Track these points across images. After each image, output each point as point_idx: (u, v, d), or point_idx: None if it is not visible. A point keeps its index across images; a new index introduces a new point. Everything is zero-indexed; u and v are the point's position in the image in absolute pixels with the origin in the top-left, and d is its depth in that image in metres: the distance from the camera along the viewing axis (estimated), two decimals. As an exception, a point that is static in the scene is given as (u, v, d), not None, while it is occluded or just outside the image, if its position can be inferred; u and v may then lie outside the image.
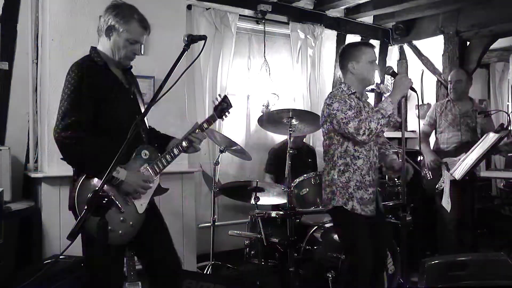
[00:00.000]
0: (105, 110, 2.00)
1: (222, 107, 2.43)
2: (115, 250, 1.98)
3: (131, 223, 2.00)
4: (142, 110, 2.19)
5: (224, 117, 2.46)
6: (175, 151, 2.18)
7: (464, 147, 3.80)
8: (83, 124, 1.94)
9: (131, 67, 2.23)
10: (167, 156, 2.15)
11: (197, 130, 2.26)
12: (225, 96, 2.47)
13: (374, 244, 2.61)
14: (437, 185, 3.80)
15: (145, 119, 2.20)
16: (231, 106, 2.48)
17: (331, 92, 2.66)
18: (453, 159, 3.80)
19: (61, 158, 2.00)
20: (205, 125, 2.30)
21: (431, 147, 4.07)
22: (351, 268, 2.63)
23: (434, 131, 4.14)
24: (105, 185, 1.86)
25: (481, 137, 3.78)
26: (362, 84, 2.65)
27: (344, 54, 2.67)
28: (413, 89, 2.51)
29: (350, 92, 2.60)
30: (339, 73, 5.33)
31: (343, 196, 2.55)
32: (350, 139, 2.53)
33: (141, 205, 2.06)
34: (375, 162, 2.66)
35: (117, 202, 1.95)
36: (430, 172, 3.96)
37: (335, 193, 2.58)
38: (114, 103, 2.03)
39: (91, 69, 2.04)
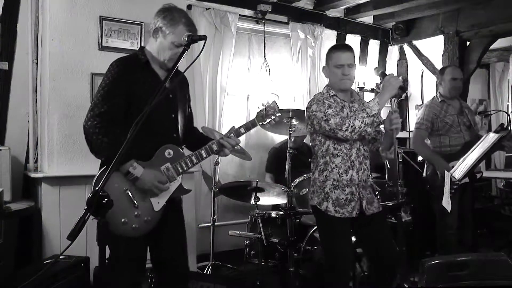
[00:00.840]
0: (139, 105, 2.00)
1: (267, 113, 2.28)
2: (129, 242, 2.01)
3: (145, 218, 2.04)
4: (179, 112, 2.22)
5: (264, 123, 2.29)
6: (203, 153, 2.17)
7: (467, 148, 3.60)
8: (111, 116, 2.00)
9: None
10: (192, 157, 2.15)
11: (232, 135, 2.22)
12: (274, 101, 2.31)
13: (372, 250, 2.59)
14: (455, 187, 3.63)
15: (179, 118, 2.22)
16: (279, 112, 2.29)
17: (314, 95, 2.72)
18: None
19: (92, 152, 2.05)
20: (242, 130, 2.24)
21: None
22: (327, 269, 2.60)
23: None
24: (123, 178, 1.97)
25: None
26: (335, 88, 2.63)
27: (326, 56, 2.70)
28: (401, 88, 2.50)
29: (330, 95, 2.62)
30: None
31: (319, 195, 2.56)
32: (332, 137, 2.53)
33: (158, 203, 2.08)
34: (360, 162, 2.58)
35: (132, 197, 1.99)
36: (440, 177, 3.81)
37: (314, 192, 2.60)
38: (149, 101, 2.04)
39: (131, 64, 2.09)
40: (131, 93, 2.04)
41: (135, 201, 2.01)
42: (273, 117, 2.28)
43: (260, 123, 2.29)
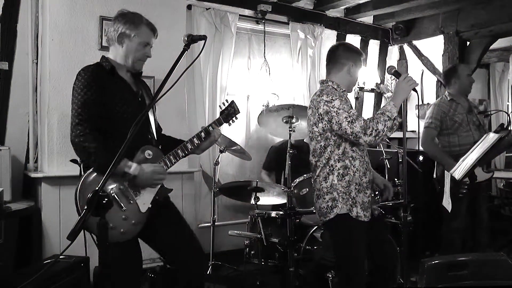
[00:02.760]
0: (111, 111, 2.06)
1: (229, 112, 2.44)
2: (123, 246, 2.01)
3: (133, 221, 2.03)
4: (151, 115, 2.25)
5: (231, 122, 2.48)
6: (180, 151, 2.21)
7: None
8: (92, 122, 2.01)
9: (141, 73, 2.30)
10: (170, 156, 2.19)
11: (202, 133, 2.31)
12: (232, 101, 2.47)
13: (374, 250, 2.54)
14: (461, 190, 3.44)
15: (152, 120, 2.26)
16: (239, 112, 2.49)
17: (322, 89, 2.48)
18: None
19: (71, 160, 2.05)
20: (210, 128, 2.33)
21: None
22: (346, 280, 2.46)
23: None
24: (109, 181, 1.93)
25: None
26: (348, 88, 2.60)
27: (346, 53, 2.55)
28: (414, 89, 2.48)
29: (341, 90, 2.51)
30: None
31: (346, 202, 2.38)
32: (347, 139, 2.39)
33: (143, 204, 2.08)
34: (369, 162, 2.54)
35: (119, 200, 1.98)
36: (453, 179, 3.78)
37: (337, 199, 2.39)
38: (120, 105, 2.09)
39: (98, 72, 2.11)
40: (103, 100, 2.06)
41: (122, 204, 2.00)
42: (234, 119, 2.47)
43: (225, 122, 2.44)
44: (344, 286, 2.47)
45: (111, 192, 1.98)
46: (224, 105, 2.47)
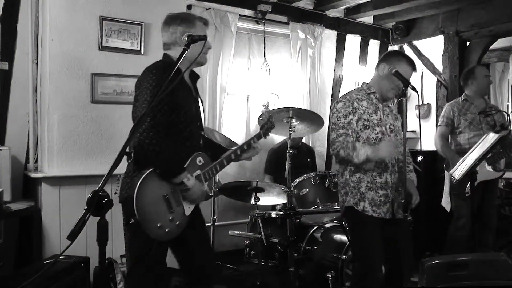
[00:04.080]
0: (179, 116, 2.10)
1: (268, 127, 2.55)
2: (158, 245, 2.05)
3: (177, 222, 2.09)
4: (203, 118, 2.32)
5: (267, 135, 2.57)
6: (225, 161, 2.30)
7: None
8: (163, 126, 2.03)
9: (199, 77, 2.36)
10: (217, 165, 2.26)
11: (245, 146, 2.39)
12: (271, 116, 2.59)
13: (390, 254, 2.51)
14: (468, 188, 3.47)
15: (203, 125, 2.32)
16: (274, 126, 2.60)
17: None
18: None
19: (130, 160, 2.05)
20: (252, 142, 2.42)
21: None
22: (359, 276, 2.53)
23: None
24: (165, 184, 2.03)
25: None
26: (379, 92, 2.59)
27: (389, 57, 2.63)
28: (413, 89, 2.48)
29: (369, 92, 2.58)
30: (339, 73, 5.38)
31: (354, 196, 2.49)
32: (359, 139, 2.47)
33: (188, 207, 2.14)
34: (393, 164, 2.52)
35: (171, 202, 2.05)
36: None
37: (348, 193, 2.52)
38: (184, 109, 2.13)
39: (167, 73, 2.08)
40: (172, 103, 2.06)
41: (172, 206, 2.06)
42: (270, 132, 2.59)
43: (263, 136, 2.54)
44: (355, 282, 2.56)
45: (165, 194, 2.03)
46: (263, 120, 2.57)
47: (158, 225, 2.00)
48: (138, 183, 1.96)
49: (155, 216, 1.99)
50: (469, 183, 3.39)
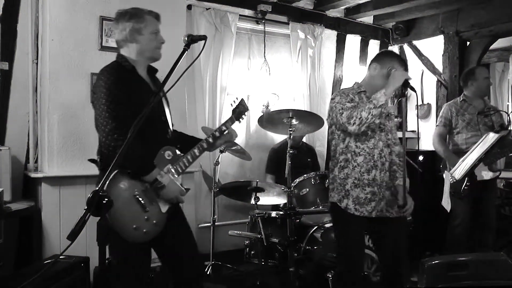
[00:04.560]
0: (136, 112, 1.99)
1: (240, 110, 2.48)
2: (139, 247, 2.02)
3: (154, 221, 2.04)
4: (167, 112, 2.26)
5: (241, 120, 2.49)
6: (196, 151, 2.22)
7: None
8: (126, 124, 1.94)
9: (157, 70, 2.30)
10: (188, 156, 2.20)
11: (217, 133, 2.33)
12: (242, 99, 2.52)
13: (386, 251, 2.53)
14: (464, 188, 3.55)
15: (169, 120, 2.27)
16: (248, 109, 2.52)
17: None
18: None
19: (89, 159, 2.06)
20: (223, 128, 2.35)
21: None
22: (340, 273, 2.56)
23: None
24: (135, 183, 1.98)
25: None
26: (368, 90, 2.60)
27: (381, 58, 2.63)
28: (412, 89, 2.48)
29: (358, 91, 2.59)
30: (339, 73, 5.38)
31: (339, 192, 2.52)
32: (351, 135, 2.49)
33: (164, 204, 2.10)
34: (383, 163, 2.52)
35: (143, 202, 2.00)
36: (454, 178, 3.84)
37: (333, 189, 2.56)
38: (142, 105, 2.03)
39: (120, 71, 2.10)
40: (128, 101, 2.03)
41: (145, 205, 2.01)
42: (244, 116, 2.49)
43: (236, 120, 2.45)
44: (336, 278, 2.57)
45: (135, 194, 1.98)
46: (235, 103, 2.50)
47: (134, 226, 1.95)
48: (105, 188, 1.93)
49: (129, 218, 1.94)
50: (465, 182, 3.49)
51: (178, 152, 2.19)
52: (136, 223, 1.96)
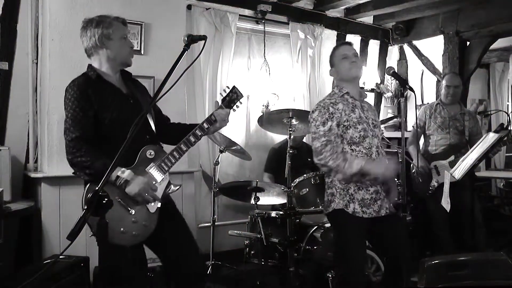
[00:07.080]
0: (105, 118, 2.06)
1: (231, 98, 2.39)
2: (131, 249, 2.02)
3: (144, 223, 2.03)
4: (149, 116, 2.23)
5: (235, 108, 2.42)
6: (183, 146, 2.18)
7: (452, 150, 3.88)
8: (84, 138, 2.02)
9: (131, 74, 2.31)
10: (174, 152, 2.16)
11: (205, 124, 2.27)
12: (234, 86, 2.44)
13: (386, 250, 2.52)
14: (430, 187, 3.86)
15: (150, 120, 2.24)
16: (242, 96, 2.44)
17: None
18: (442, 162, 3.86)
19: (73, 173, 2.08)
20: (212, 117, 2.31)
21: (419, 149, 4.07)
22: (344, 279, 2.49)
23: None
24: (112, 187, 1.93)
25: (469, 139, 3.91)
26: (345, 80, 2.58)
27: (330, 60, 2.73)
28: (411, 89, 2.49)
29: (342, 93, 2.55)
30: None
31: (343, 198, 2.43)
32: (344, 139, 2.45)
33: (152, 204, 2.07)
34: (380, 159, 2.51)
35: (125, 204, 1.98)
36: (420, 177, 3.95)
37: (334, 195, 2.47)
38: (112, 110, 2.08)
39: (85, 82, 2.12)
40: (95, 109, 2.06)
41: (128, 207, 2.00)
42: (238, 103, 2.43)
43: (227, 108, 2.38)
44: (340, 285, 2.50)
45: (116, 197, 1.97)
46: (225, 92, 2.42)
47: (122, 230, 1.95)
48: (83, 196, 1.96)
49: (115, 222, 1.92)
50: (432, 180, 3.81)
51: (162, 149, 2.19)
52: (123, 226, 1.96)
